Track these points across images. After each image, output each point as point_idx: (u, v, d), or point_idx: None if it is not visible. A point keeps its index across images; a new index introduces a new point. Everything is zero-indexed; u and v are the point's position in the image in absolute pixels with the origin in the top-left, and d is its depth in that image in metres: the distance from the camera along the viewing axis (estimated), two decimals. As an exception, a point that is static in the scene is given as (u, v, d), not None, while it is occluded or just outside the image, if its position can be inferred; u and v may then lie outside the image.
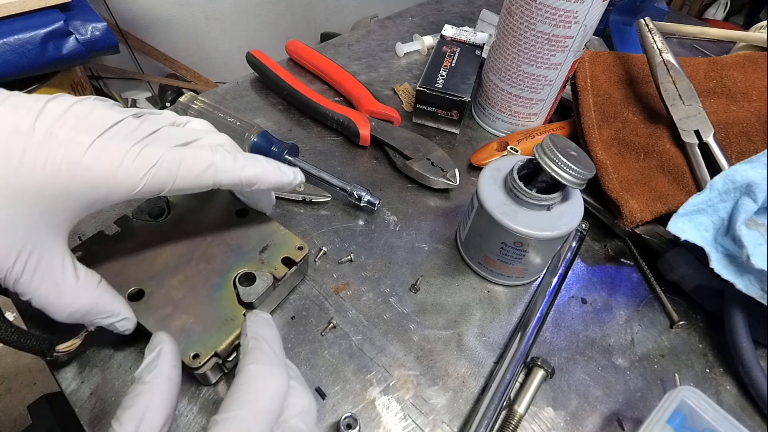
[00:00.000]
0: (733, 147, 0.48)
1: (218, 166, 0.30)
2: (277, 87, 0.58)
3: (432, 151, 0.51)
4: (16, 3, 0.77)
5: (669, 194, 0.45)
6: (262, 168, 0.32)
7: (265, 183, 0.33)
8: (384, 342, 0.39)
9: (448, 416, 0.35)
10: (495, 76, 0.55)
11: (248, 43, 1.64)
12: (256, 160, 0.32)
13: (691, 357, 0.41)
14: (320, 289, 0.41)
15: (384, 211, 0.48)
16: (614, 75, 0.55)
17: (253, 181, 0.32)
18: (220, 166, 0.30)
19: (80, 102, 0.26)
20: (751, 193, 0.38)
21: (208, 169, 0.29)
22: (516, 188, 0.37)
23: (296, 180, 0.35)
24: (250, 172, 0.31)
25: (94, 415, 0.33)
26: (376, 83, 0.65)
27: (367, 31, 0.75)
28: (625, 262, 0.47)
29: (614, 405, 0.37)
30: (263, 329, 0.29)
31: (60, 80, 0.92)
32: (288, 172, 0.35)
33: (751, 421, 0.37)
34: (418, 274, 0.43)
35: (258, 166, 0.32)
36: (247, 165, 0.31)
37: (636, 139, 0.49)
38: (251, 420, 0.24)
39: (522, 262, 0.40)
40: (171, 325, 0.32)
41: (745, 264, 0.35)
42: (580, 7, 0.44)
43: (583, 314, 0.42)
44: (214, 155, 0.30)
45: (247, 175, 0.31)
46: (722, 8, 2.12)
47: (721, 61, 0.56)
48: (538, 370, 0.36)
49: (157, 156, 0.27)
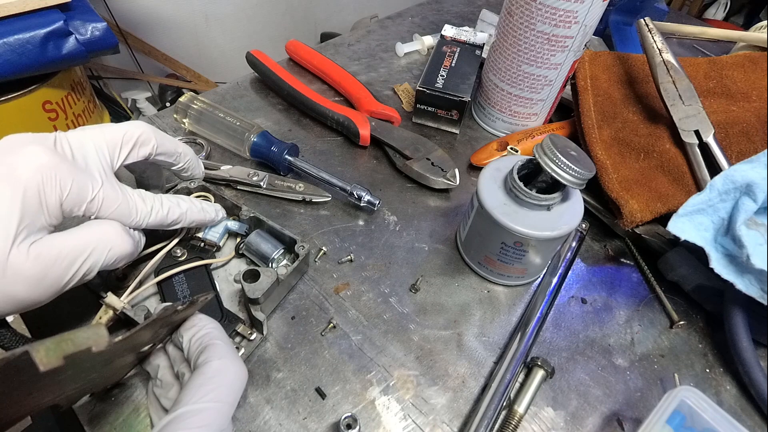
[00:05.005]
0: (733, 147, 0.48)
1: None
2: (277, 87, 0.58)
3: (432, 151, 0.51)
4: (16, 3, 0.77)
5: (669, 194, 0.45)
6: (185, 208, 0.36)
7: (187, 221, 0.36)
8: (384, 342, 0.39)
9: (448, 416, 0.35)
10: (495, 76, 0.55)
11: (248, 43, 1.64)
12: (179, 203, 0.35)
13: (691, 357, 0.41)
14: (320, 289, 0.41)
15: (384, 211, 0.48)
16: (614, 75, 0.55)
17: (178, 220, 0.35)
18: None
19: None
20: (751, 193, 0.38)
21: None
22: (516, 188, 0.37)
23: (218, 216, 0.39)
24: (174, 214, 0.35)
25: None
26: (376, 83, 0.65)
27: (367, 31, 0.75)
28: (625, 262, 0.47)
29: (614, 405, 0.37)
30: (207, 322, 0.31)
31: (60, 80, 0.92)
32: (210, 211, 0.38)
33: (750, 421, 0.37)
34: (418, 274, 0.43)
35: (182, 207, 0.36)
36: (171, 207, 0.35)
37: (636, 139, 0.49)
38: (218, 412, 0.25)
39: (522, 262, 0.40)
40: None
41: (745, 264, 0.35)
42: (580, 7, 0.44)
43: (583, 314, 0.42)
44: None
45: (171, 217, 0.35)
46: (722, 8, 2.12)
47: (721, 61, 0.56)
48: (538, 370, 0.36)
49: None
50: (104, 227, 0.30)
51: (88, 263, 0.29)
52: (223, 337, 0.30)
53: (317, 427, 0.34)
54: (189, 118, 0.51)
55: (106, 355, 0.22)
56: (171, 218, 0.34)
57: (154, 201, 0.33)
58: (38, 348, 0.18)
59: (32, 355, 0.18)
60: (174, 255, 0.39)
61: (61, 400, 0.28)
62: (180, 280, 0.38)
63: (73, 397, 0.30)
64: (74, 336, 0.20)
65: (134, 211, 0.31)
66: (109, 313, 0.34)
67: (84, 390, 0.30)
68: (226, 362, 0.28)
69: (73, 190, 0.28)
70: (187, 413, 0.25)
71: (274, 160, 0.48)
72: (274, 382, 0.35)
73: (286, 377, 0.36)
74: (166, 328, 0.30)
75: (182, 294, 0.37)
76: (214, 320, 0.32)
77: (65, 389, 0.26)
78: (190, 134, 0.53)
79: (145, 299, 0.38)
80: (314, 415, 0.34)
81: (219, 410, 0.26)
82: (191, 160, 0.39)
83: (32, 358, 0.18)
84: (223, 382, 0.27)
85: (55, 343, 0.19)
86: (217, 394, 0.26)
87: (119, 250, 0.30)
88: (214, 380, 0.26)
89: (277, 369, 0.36)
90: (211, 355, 0.28)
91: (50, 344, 0.19)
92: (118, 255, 0.30)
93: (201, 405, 0.25)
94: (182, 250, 0.39)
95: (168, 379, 0.30)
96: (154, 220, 0.33)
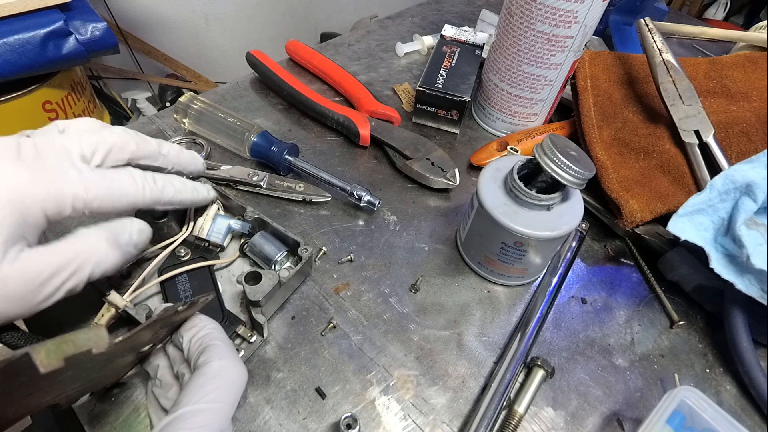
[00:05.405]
0: (733, 147, 0.48)
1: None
2: (277, 87, 0.58)
3: (432, 151, 0.51)
4: (16, 3, 0.77)
5: (669, 194, 0.45)
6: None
7: (180, 200, 0.35)
8: (384, 342, 0.39)
9: (448, 416, 0.35)
10: (495, 76, 0.55)
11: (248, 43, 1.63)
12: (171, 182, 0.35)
13: (691, 357, 0.41)
14: (320, 289, 0.41)
15: (384, 211, 0.48)
16: (614, 75, 0.55)
17: (173, 198, 0.35)
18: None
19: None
20: (751, 193, 0.38)
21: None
22: (516, 188, 0.37)
23: (210, 196, 0.39)
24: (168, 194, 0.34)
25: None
26: (376, 83, 0.65)
27: (367, 31, 0.75)
28: (625, 262, 0.47)
29: (614, 405, 0.37)
30: (208, 323, 0.31)
31: (60, 80, 0.92)
32: (202, 190, 0.38)
33: (750, 421, 0.37)
34: (418, 274, 0.43)
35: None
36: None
37: (636, 139, 0.49)
38: (218, 412, 0.26)
39: (522, 262, 0.40)
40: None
41: (745, 264, 0.35)
42: (580, 7, 0.44)
43: (583, 314, 0.42)
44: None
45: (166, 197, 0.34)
46: (722, 8, 2.12)
47: (721, 61, 0.56)
48: (538, 370, 0.36)
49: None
50: (90, 239, 0.29)
51: (72, 280, 0.27)
52: (224, 338, 0.30)
53: (317, 427, 0.34)
54: (189, 118, 0.51)
55: (107, 356, 0.22)
56: (166, 196, 0.33)
57: (146, 179, 0.32)
58: (39, 349, 0.18)
59: (33, 357, 0.18)
60: (178, 254, 0.39)
61: (61, 399, 0.28)
62: (183, 279, 0.38)
63: (73, 396, 0.30)
64: (75, 337, 0.20)
65: (126, 193, 0.30)
66: (111, 311, 0.34)
67: (84, 389, 0.30)
68: (226, 363, 0.28)
69: (51, 194, 0.26)
70: (188, 413, 0.25)
71: (274, 160, 0.48)
72: (274, 382, 0.35)
73: (286, 377, 0.36)
74: (167, 328, 0.30)
75: (184, 294, 0.37)
76: (215, 321, 0.32)
77: (65, 389, 0.26)
78: (190, 134, 0.53)
79: (147, 298, 0.38)
80: (314, 415, 0.34)
81: (219, 411, 0.26)
82: (180, 160, 0.37)
83: (33, 360, 0.18)
84: (223, 382, 0.27)
85: (55, 345, 0.19)
86: (217, 395, 0.26)
87: (105, 265, 0.29)
88: (214, 381, 0.27)
89: (277, 369, 0.36)
90: (212, 355, 0.28)
91: (51, 346, 0.19)
92: (104, 269, 0.29)
93: (201, 405, 0.25)
94: (186, 249, 0.39)
95: (168, 380, 0.30)
96: (150, 197, 0.32)
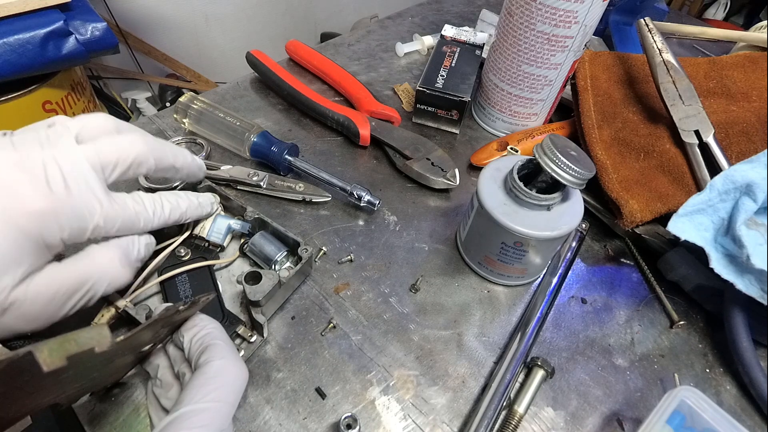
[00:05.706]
0: (733, 147, 0.48)
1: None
2: (277, 87, 0.58)
3: (432, 151, 0.51)
4: (16, 3, 0.77)
5: (669, 194, 0.45)
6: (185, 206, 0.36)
7: (187, 218, 0.37)
8: (384, 342, 0.39)
9: (448, 416, 0.35)
10: (495, 76, 0.55)
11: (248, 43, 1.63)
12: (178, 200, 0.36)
13: (691, 357, 0.41)
14: (320, 289, 0.41)
15: (384, 211, 0.48)
16: (614, 75, 0.55)
17: (179, 220, 0.36)
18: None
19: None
20: (751, 193, 0.38)
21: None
22: (516, 188, 0.37)
23: (213, 209, 0.40)
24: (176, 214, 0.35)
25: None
26: (376, 83, 0.65)
27: (367, 31, 0.75)
28: (625, 262, 0.47)
29: (614, 405, 0.37)
30: (208, 322, 0.31)
31: (60, 80, 0.92)
32: (206, 205, 0.39)
33: (751, 421, 0.37)
34: (418, 274, 0.43)
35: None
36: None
37: (636, 139, 0.49)
38: (219, 412, 0.26)
39: (522, 262, 0.40)
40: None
41: (745, 264, 0.35)
42: (580, 7, 0.44)
43: (583, 314, 0.42)
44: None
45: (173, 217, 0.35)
46: (722, 8, 2.12)
47: (721, 61, 0.56)
48: (538, 370, 0.36)
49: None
50: (106, 258, 0.30)
51: (86, 298, 0.29)
52: (224, 338, 0.30)
53: (317, 427, 0.34)
54: (189, 118, 0.51)
55: (108, 355, 0.22)
56: (173, 219, 0.35)
57: (155, 205, 0.33)
58: (42, 348, 0.18)
59: (36, 356, 0.18)
60: (178, 254, 0.39)
61: (62, 399, 0.28)
62: (183, 279, 0.38)
63: (73, 396, 0.30)
64: (77, 336, 0.20)
65: (138, 220, 0.32)
66: (111, 311, 0.34)
67: (84, 389, 0.30)
68: (227, 362, 0.28)
69: (73, 227, 0.27)
70: (188, 413, 0.25)
71: (274, 160, 0.48)
72: (274, 382, 0.36)
73: (286, 377, 0.36)
74: (167, 328, 0.30)
75: (184, 294, 0.37)
76: (215, 321, 0.32)
77: (66, 389, 0.26)
78: (190, 134, 0.53)
79: (147, 298, 0.38)
80: (314, 415, 0.34)
81: (220, 410, 0.26)
82: (190, 172, 0.37)
83: (35, 359, 0.18)
84: (224, 382, 0.27)
85: (58, 344, 0.19)
86: (218, 394, 0.26)
87: (118, 282, 0.31)
88: (215, 380, 0.27)
89: (277, 369, 0.36)
90: (212, 355, 0.28)
91: (53, 344, 0.19)
92: (116, 286, 0.31)
93: (202, 405, 0.25)
94: (186, 249, 0.39)
95: (168, 379, 0.30)
96: (158, 223, 0.34)
